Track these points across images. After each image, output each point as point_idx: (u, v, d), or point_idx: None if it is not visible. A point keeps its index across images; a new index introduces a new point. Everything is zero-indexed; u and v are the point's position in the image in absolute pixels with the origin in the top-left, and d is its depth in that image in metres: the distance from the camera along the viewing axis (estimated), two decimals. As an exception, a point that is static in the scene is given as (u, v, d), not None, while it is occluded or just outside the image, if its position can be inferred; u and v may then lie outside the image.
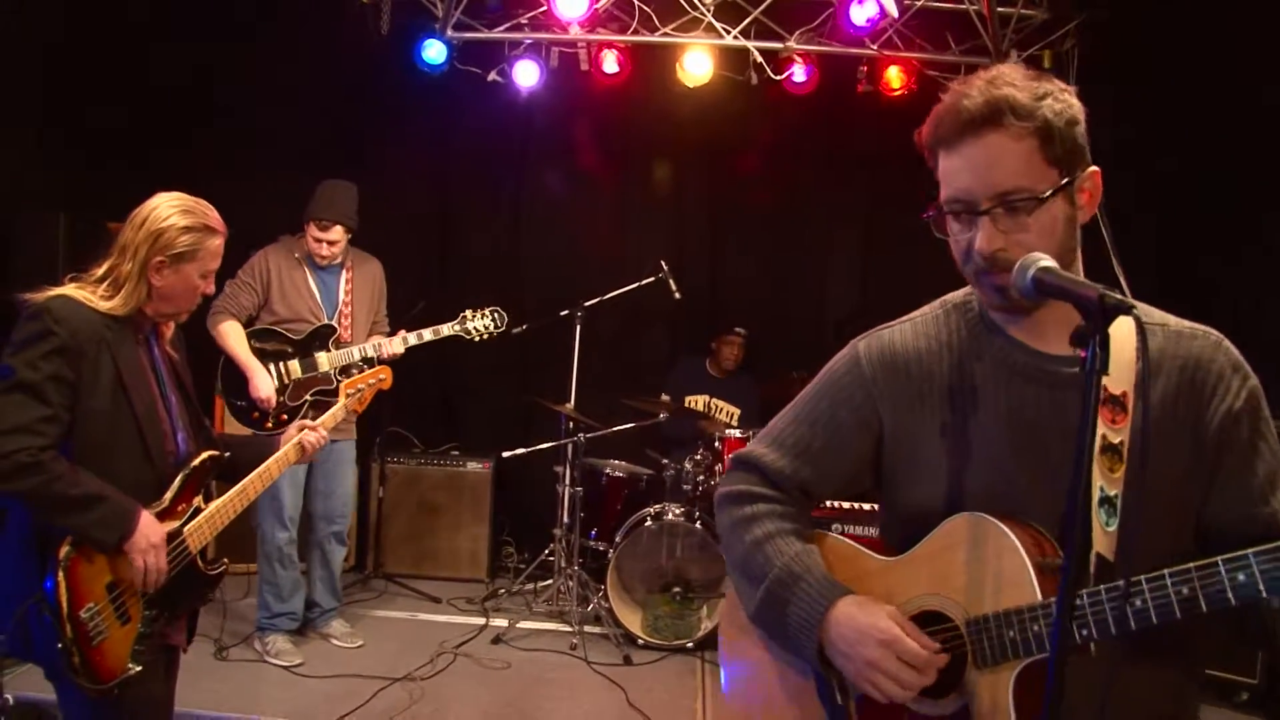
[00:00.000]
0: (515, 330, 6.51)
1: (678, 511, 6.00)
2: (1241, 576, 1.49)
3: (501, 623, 6.18)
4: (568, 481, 6.30)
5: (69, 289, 2.88)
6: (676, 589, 6.01)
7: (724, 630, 2.20)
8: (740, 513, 2.05)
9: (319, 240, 5.42)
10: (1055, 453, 1.75)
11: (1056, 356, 1.80)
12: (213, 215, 3.04)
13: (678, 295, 6.63)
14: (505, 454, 6.62)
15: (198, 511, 3.05)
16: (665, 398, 6.87)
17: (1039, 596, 1.65)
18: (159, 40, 6.38)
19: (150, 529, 2.84)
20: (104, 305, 2.86)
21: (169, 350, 3.15)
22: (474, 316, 5.74)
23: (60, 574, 2.69)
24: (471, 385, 7.89)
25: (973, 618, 1.74)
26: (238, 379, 5.28)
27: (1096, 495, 1.66)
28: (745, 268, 7.88)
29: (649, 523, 5.98)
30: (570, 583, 6.25)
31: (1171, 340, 1.80)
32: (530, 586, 6.73)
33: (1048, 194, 1.68)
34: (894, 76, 6.84)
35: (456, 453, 7.30)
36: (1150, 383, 1.75)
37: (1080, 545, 1.59)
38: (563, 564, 6.34)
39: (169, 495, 2.95)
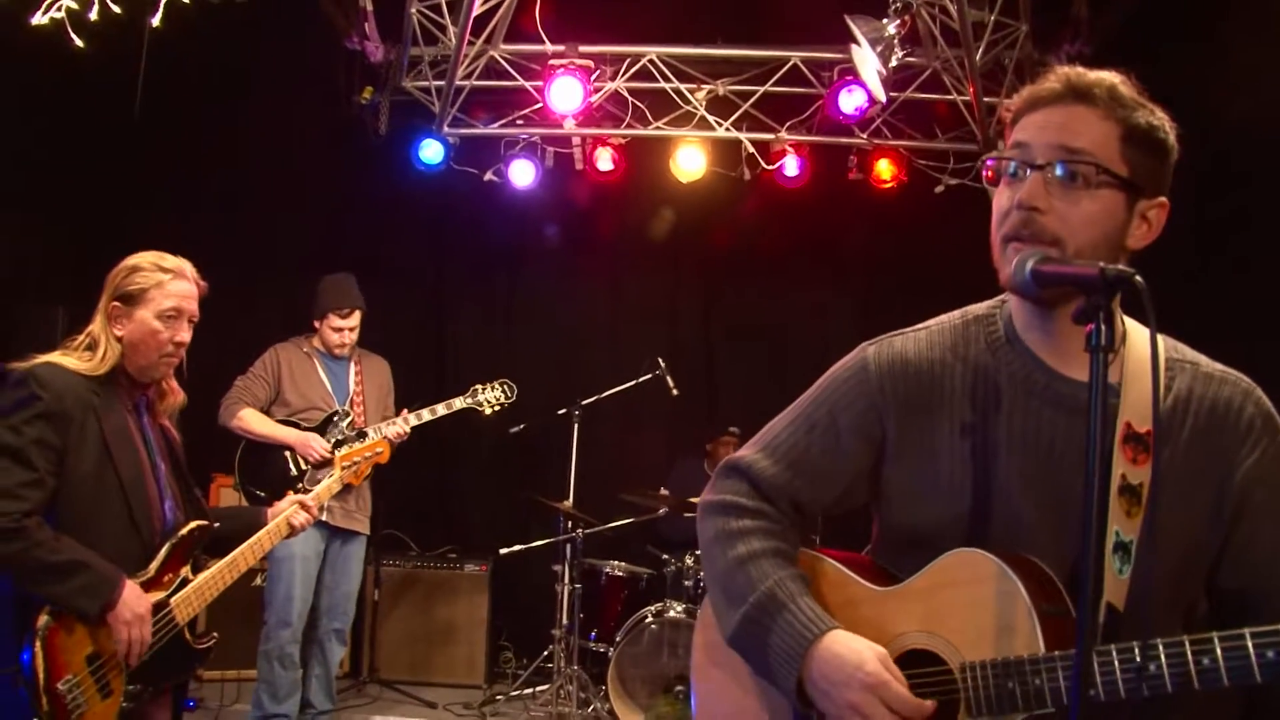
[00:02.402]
0: (512, 430, 6.50)
1: (679, 609, 5.84)
2: (1271, 654, 1.39)
3: (499, 727, 5.98)
4: (567, 580, 6.17)
5: (54, 356, 2.86)
6: (680, 688, 5.82)
7: (697, 650, 2.06)
8: (725, 526, 1.90)
9: (339, 329, 5.49)
10: (1068, 484, 1.63)
11: (1078, 381, 1.68)
12: (173, 261, 3.01)
13: (675, 392, 6.59)
14: (503, 551, 6.50)
15: (185, 582, 2.97)
16: (665, 492, 6.77)
17: (1042, 647, 1.54)
18: (160, 136, 6.47)
19: (135, 598, 2.75)
20: (85, 367, 2.84)
21: (163, 422, 3.10)
22: (485, 389, 5.79)
23: (38, 644, 2.60)
24: (468, 486, 7.79)
25: (968, 663, 1.62)
26: (256, 468, 5.25)
27: (1111, 539, 1.57)
28: (741, 363, 7.86)
29: (650, 621, 5.82)
30: (570, 685, 6.06)
31: (1200, 381, 1.70)
32: (529, 691, 6.53)
33: (1110, 173, 1.59)
34: (884, 169, 6.94)
35: (453, 555, 7.17)
36: (1176, 423, 1.67)
37: (1092, 595, 1.49)
38: (562, 666, 6.16)
39: (155, 565, 2.88)
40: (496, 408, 5.83)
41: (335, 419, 5.44)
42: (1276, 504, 1.67)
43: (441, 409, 5.63)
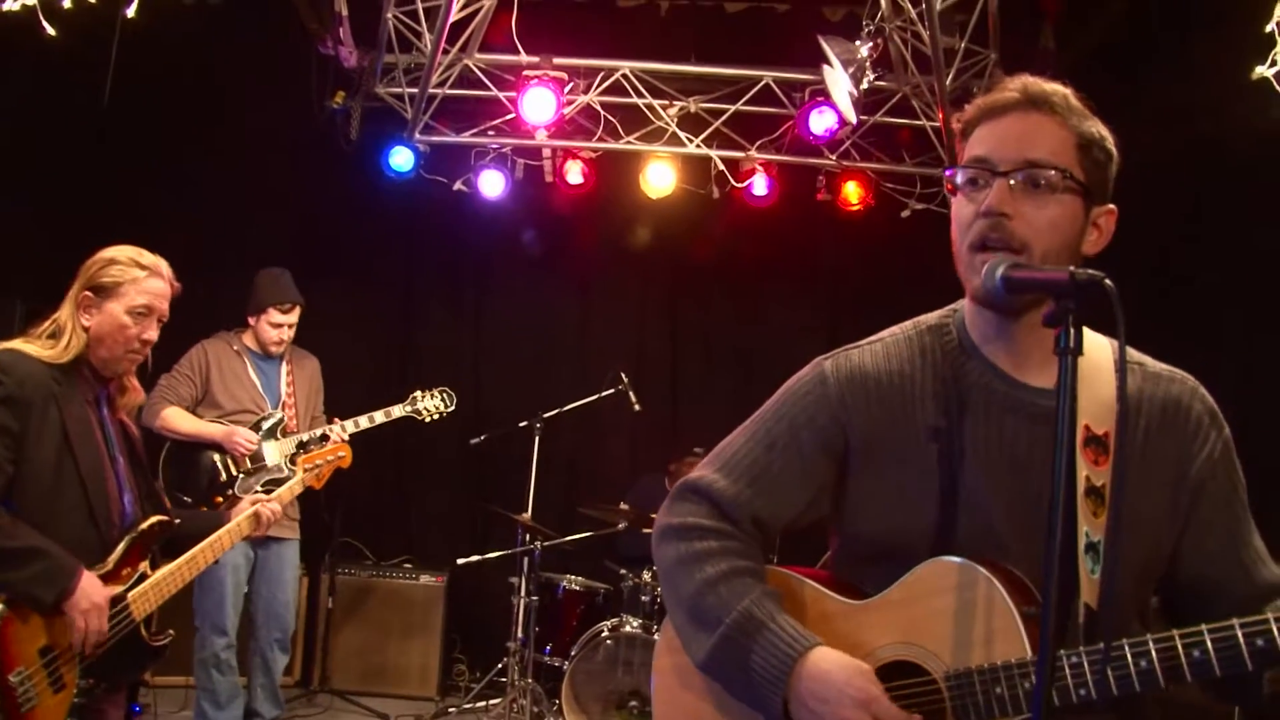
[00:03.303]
0: (473, 441, 6.46)
1: (635, 624, 5.82)
2: (1261, 642, 1.43)
3: (451, 739, 5.93)
4: (523, 593, 6.13)
5: (15, 342, 2.83)
6: (633, 703, 5.80)
7: (662, 675, 1.99)
8: (688, 548, 1.85)
9: (279, 325, 5.37)
10: (1035, 491, 1.65)
11: (1037, 389, 1.71)
12: (150, 258, 2.99)
13: (638, 407, 6.59)
14: (460, 561, 6.45)
15: (143, 577, 2.92)
16: (624, 506, 6.76)
17: (1028, 651, 1.55)
18: (125, 132, 6.41)
19: (92, 588, 2.71)
20: (48, 354, 2.80)
21: (122, 417, 3.07)
22: (424, 397, 5.71)
23: (-11, 635, 2.54)
24: (427, 496, 7.75)
25: (953, 671, 1.62)
26: (181, 472, 5.13)
27: (1082, 541, 1.58)
28: (705, 380, 7.88)
29: (606, 636, 5.80)
30: (524, 699, 6.02)
31: (1150, 381, 1.75)
32: (482, 704, 6.48)
33: (1073, 177, 1.64)
34: (852, 192, 7.01)
35: (409, 565, 7.11)
36: (1130, 423, 1.70)
37: (1064, 593, 1.51)
38: (516, 679, 6.12)
39: (113, 559, 2.84)
40: (436, 416, 5.74)
41: (267, 422, 5.34)
42: (1227, 495, 1.74)
43: (380, 416, 5.55)
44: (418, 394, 5.71)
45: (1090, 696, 1.50)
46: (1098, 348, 1.72)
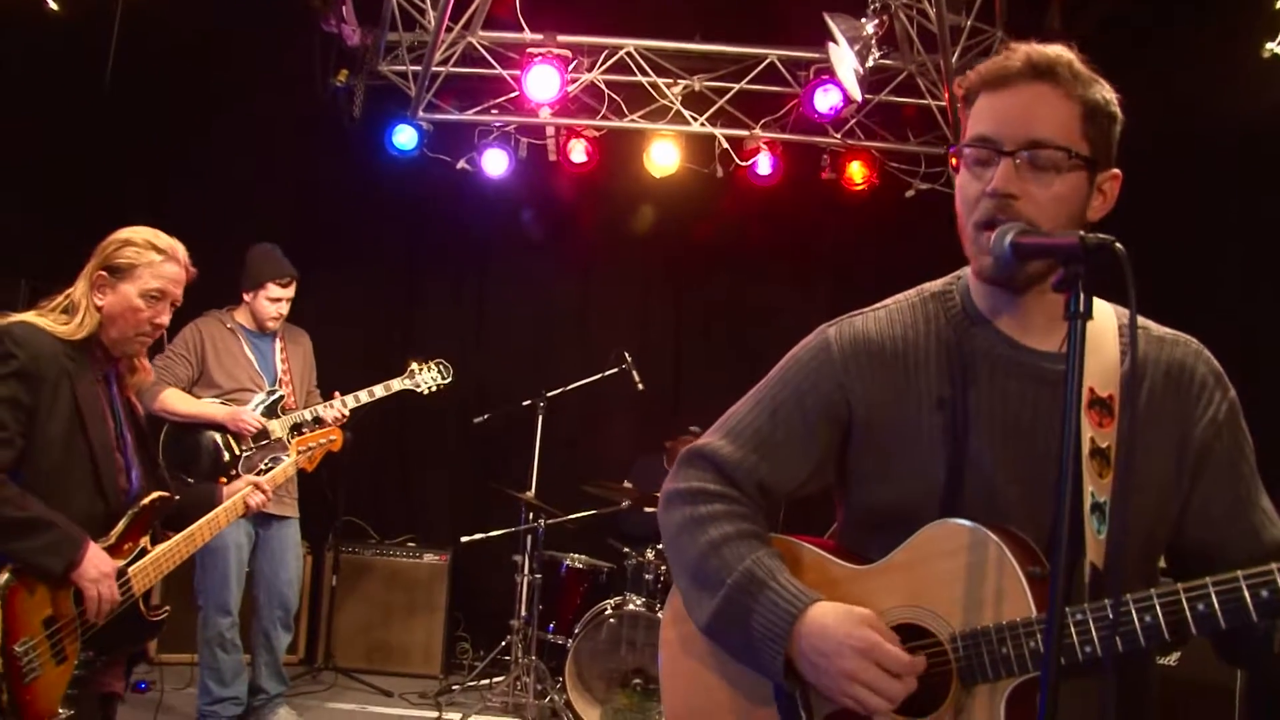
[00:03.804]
0: (477, 420, 6.47)
1: (639, 602, 5.83)
2: (1265, 593, 1.44)
3: (455, 716, 5.94)
4: (526, 571, 6.14)
5: (29, 315, 2.84)
6: (637, 681, 5.82)
7: (668, 646, 2.00)
8: (693, 512, 1.86)
9: (277, 300, 5.36)
10: (1040, 453, 1.67)
11: (1043, 352, 1.72)
12: (165, 241, 2.99)
13: (640, 386, 6.59)
14: (464, 539, 6.47)
15: (144, 552, 2.94)
16: (628, 485, 6.77)
17: (1033, 610, 1.56)
18: (127, 110, 6.39)
19: (100, 558, 2.75)
20: (61, 330, 2.81)
21: (129, 395, 3.08)
22: (421, 369, 5.70)
23: (-1, 603, 2.56)
24: (431, 475, 7.77)
25: (959, 632, 1.63)
26: (182, 454, 5.12)
27: (1088, 501, 1.59)
28: (707, 359, 7.87)
29: (609, 615, 5.81)
30: (527, 677, 6.04)
31: (1154, 345, 1.75)
32: (485, 682, 6.50)
33: (1078, 156, 1.62)
34: (856, 171, 7.00)
35: (413, 544, 7.13)
36: (1135, 386, 1.69)
37: (1070, 553, 1.52)
38: (519, 657, 6.14)
39: (116, 532, 2.86)
40: (433, 387, 5.73)
41: (268, 399, 5.32)
42: (1233, 457, 1.74)
43: (380, 390, 5.54)
44: (415, 366, 5.70)
45: (1096, 654, 1.51)
46: (1102, 313, 1.72)
